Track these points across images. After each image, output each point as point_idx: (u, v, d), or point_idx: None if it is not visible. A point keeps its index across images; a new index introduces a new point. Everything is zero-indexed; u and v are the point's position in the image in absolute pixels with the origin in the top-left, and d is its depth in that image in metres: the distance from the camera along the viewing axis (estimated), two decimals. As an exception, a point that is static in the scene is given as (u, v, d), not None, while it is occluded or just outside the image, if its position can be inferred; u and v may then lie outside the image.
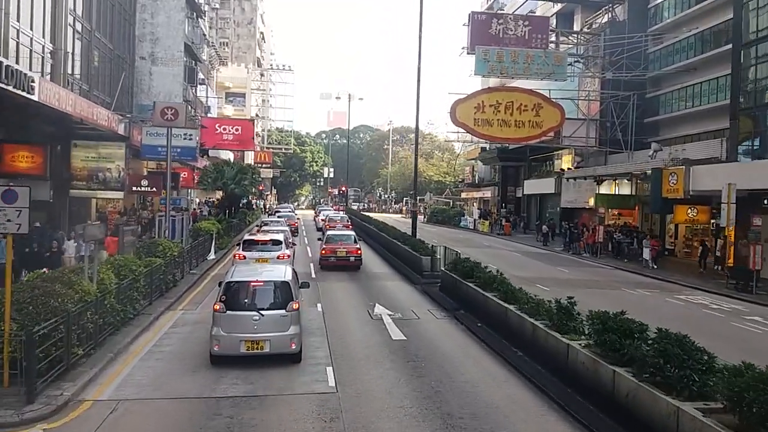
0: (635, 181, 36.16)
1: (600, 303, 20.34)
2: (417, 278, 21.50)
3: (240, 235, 36.98)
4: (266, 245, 20.33)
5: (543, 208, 52.26)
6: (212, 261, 25.88)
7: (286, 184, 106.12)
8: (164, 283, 17.78)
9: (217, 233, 28.74)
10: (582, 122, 40.81)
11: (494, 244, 40.47)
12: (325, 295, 18.72)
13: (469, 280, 16.11)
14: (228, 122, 46.95)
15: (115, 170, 27.73)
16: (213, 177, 36.19)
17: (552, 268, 28.26)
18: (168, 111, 20.98)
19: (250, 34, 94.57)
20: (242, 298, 11.54)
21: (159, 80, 39.51)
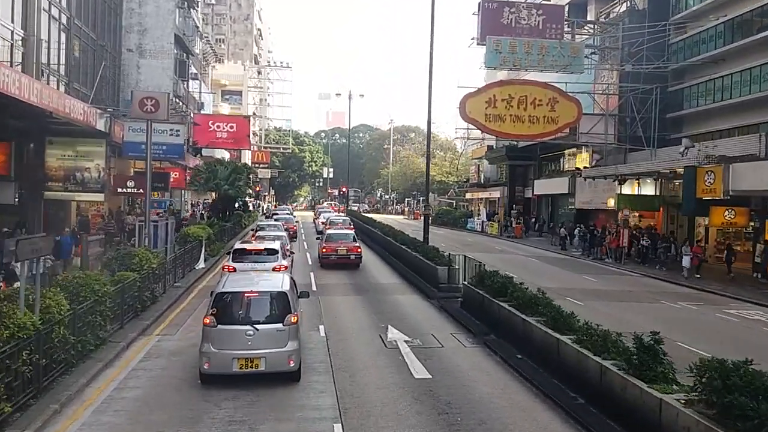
0: (661, 181, 33.58)
1: (643, 320, 17.27)
2: (432, 292, 18.87)
3: (234, 240, 34.35)
4: (260, 255, 17.71)
5: (555, 210, 49.68)
6: (201, 270, 23.25)
7: (284, 184, 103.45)
8: (140, 301, 15.15)
9: (208, 239, 26.11)
10: (600, 118, 38.18)
11: (507, 248, 37.85)
12: (329, 313, 16.09)
13: (501, 299, 13.48)
14: (222, 119, 44.30)
15: (94, 170, 25.07)
16: (205, 177, 33.55)
17: (577, 277, 25.65)
18: (148, 101, 18.35)
19: (246, 31, 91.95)
20: (235, 310, 10.57)
21: (147, 74, 36.88)
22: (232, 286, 11.14)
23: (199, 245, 24.12)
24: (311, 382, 10.46)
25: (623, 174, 33.31)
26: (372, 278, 22.42)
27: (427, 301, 18.25)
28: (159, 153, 25.40)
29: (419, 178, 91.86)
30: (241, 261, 17.26)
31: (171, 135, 25.01)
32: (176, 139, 25.17)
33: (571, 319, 10.89)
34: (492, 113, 36.38)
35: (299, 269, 24.02)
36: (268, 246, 17.99)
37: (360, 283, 21.39)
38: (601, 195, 39.39)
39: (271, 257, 17.46)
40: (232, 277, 12.67)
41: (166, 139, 24.87)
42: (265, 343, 10.06)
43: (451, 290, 18.67)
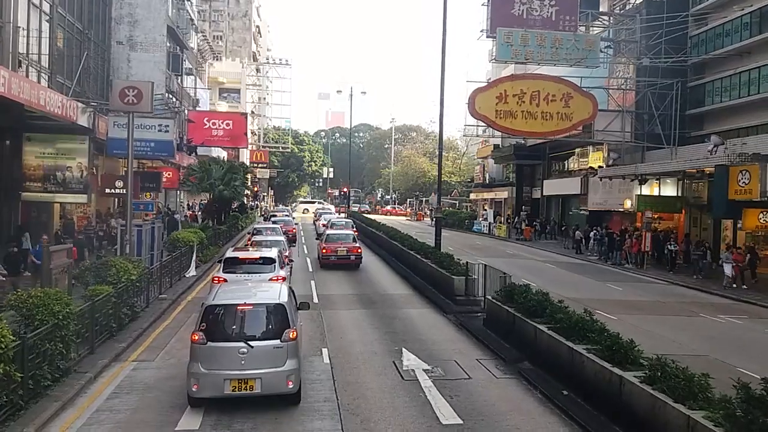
0: (684, 181, 31.60)
1: (686, 337, 15.07)
2: (448, 305, 16.86)
3: (229, 244, 32.30)
4: (255, 264, 15.58)
5: (565, 211, 47.66)
6: (192, 279, 21.23)
7: (283, 184, 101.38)
8: (115, 319, 13.13)
9: (200, 244, 24.08)
10: (616, 114, 36.13)
11: (518, 252, 35.83)
12: (333, 332, 14.07)
13: (537, 321, 11.46)
14: (218, 116, 42.30)
15: (76, 169, 23.09)
16: (198, 177, 31.51)
17: (601, 285, 23.64)
18: (129, 92, 16.30)
19: (245, 27, 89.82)
20: (227, 325, 9.49)
21: (138, 68, 34.89)
22: (223, 298, 9.94)
23: (190, 251, 22.10)
24: (315, 429, 8.46)
25: (644, 173, 31.31)
26: (379, 288, 20.39)
27: (442, 316, 16.22)
28: (146, 150, 23.45)
29: (421, 178, 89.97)
30: (232, 271, 15.19)
31: (160, 131, 23.02)
32: (165, 136, 23.17)
33: (632, 350, 8.88)
34: (503, 109, 34.34)
35: (299, 277, 22.01)
36: (264, 254, 15.84)
37: (366, 293, 19.36)
38: (616, 196, 37.42)
39: (266, 267, 15.37)
40: (224, 287, 11.25)
41: (154, 135, 22.88)
42: (261, 361, 9.07)
43: (470, 303, 16.67)
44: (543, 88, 34.90)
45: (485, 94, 34.37)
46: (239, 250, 17.79)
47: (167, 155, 24.67)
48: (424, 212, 77.54)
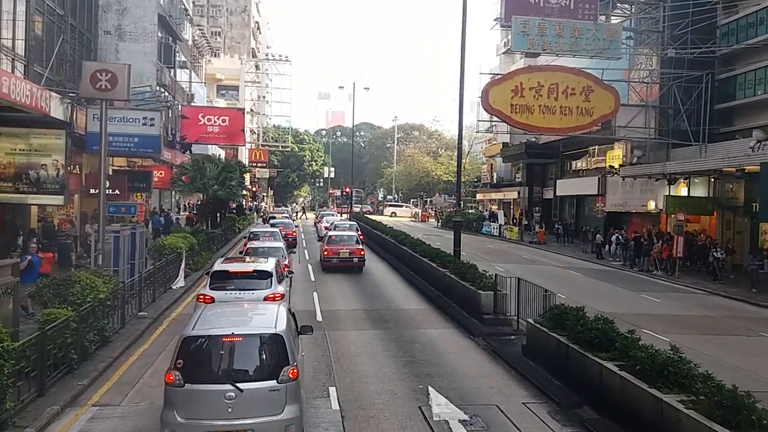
0: (715, 181, 29.24)
1: (759, 364, 12.59)
2: (474, 325, 14.45)
3: (224, 249, 29.90)
4: (248, 279, 13.08)
5: (580, 212, 45.28)
6: (180, 291, 18.84)
7: (283, 184, 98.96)
8: (77, 348, 10.75)
9: (191, 250, 21.69)
10: (639, 109, 33.74)
11: (535, 256, 33.43)
12: (342, 363, 11.66)
13: (602, 356, 9.06)
14: (213, 111, 39.86)
15: (52, 167, 20.81)
16: (191, 176, 29.11)
17: (635, 296, 21.26)
18: (102, 75, 13.89)
19: (243, 23, 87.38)
20: (210, 362, 7.58)
21: (127, 59, 32.11)
22: (206, 327, 7.83)
23: (178, 259, 19.70)
24: None
25: (674, 172, 28.90)
26: (391, 302, 17.97)
27: (469, 339, 13.79)
28: (129, 146, 21.10)
29: (425, 178, 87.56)
30: (221, 288, 12.75)
31: (145, 124, 20.66)
32: (151, 130, 20.79)
33: (755, 409, 6.49)
34: (519, 103, 32.00)
35: (300, 287, 19.61)
36: (259, 267, 13.33)
37: (376, 308, 16.95)
38: (638, 196, 35.10)
39: (262, 282, 12.85)
40: (208, 312, 8.75)
41: (138, 129, 20.53)
42: (253, 408, 7.26)
43: (499, 323, 14.28)
44: (562, 80, 32.59)
45: (500, 87, 32.03)
46: (230, 261, 15.29)
47: (153, 152, 22.25)
48: (428, 213, 75.21)
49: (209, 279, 13.26)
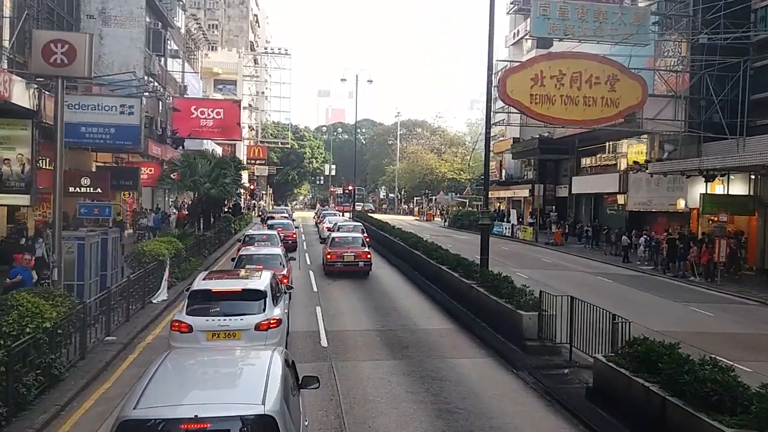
0: (757, 178, 26.62)
1: None
2: (514, 353, 11.81)
3: (217, 254, 27.19)
4: (235, 299, 10.42)
5: (598, 211, 42.61)
6: (162, 305, 16.21)
7: (283, 182, 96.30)
8: (6, 399, 8.12)
9: (177, 256, 19.05)
10: (668, 100, 31.05)
11: (556, 260, 30.80)
12: (355, 414, 8.94)
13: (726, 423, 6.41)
14: (207, 104, 37.15)
15: (16, 162, 18.22)
16: (181, 173, 26.45)
17: (682, 308, 18.64)
18: (57, 47, 11.19)
19: (242, 16, 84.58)
20: None
21: (112, 46, 29.85)
22: (155, 403, 5.15)
23: (160, 268, 17.06)
24: None
25: (712, 168, 26.23)
26: (408, 320, 15.29)
27: (511, 372, 11.12)
28: (104, 138, 18.48)
29: (428, 176, 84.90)
30: (202, 312, 10.10)
31: (122, 113, 18.03)
32: (129, 119, 18.15)
33: None
34: (539, 93, 29.30)
35: (300, 301, 16.96)
36: (249, 285, 10.69)
37: (392, 328, 14.30)
38: (664, 195, 32.51)
39: (253, 304, 10.25)
40: (165, 370, 5.92)
41: (114, 119, 17.91)
42: None
43: (546, 352, 11.64)
44: (585, 68, 29.87)
45: (518, 76, 29.34)
46: (215, 276, 12.54)
47: (132, 144, 19.50)
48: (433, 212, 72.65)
49: (186, 300, 10.62)
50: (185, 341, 9.54)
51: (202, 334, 9.75)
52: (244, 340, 9.69)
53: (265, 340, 9.71)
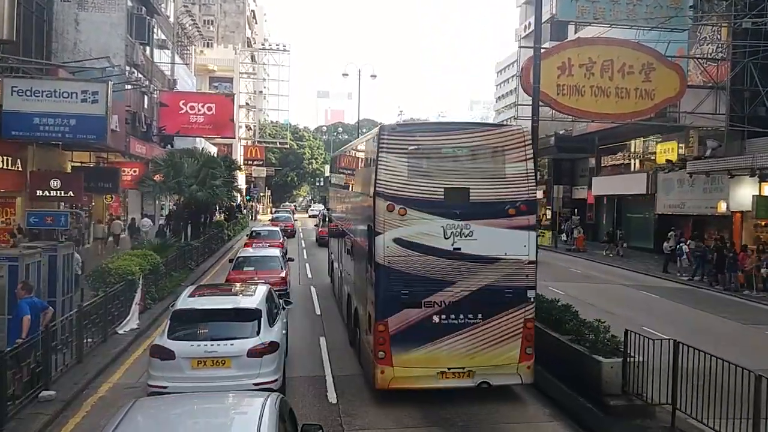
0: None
1: None
2: (590, 414, 8.74)
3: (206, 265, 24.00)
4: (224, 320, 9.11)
5: (621, 215, 39.50)
6: (131, 335, 13.12)
7: (282, 184, 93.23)
8: None
9: (153, 272, 15.94)
10: (707, 92, 27.99)
11: (586, 269, 27.70)
12: None
13: None
14: (197, 98, 34.03)
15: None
16: (164, 173, 23.36)
17: (759, 334, 15.53)
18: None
19: (238, 11, 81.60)
20: None
21: (89, 32, 26.71)
22: None
23: (129, 289, 13.95)
24: None
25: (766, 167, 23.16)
26: None
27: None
28: (63, 130, 15.37)
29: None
30: (187, 336, 8.63)
31: (84, 100, 14.93)
32: (93, 108, 15.05)
33: None
34: (567, 83, 26.37)
35: (300, 333, 13.84)
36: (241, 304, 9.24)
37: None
38: (699, 196, 29.40)
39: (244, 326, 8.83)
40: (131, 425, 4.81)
41: (74, 108, 14.84)
42: None
43: (635, 413, 8.56)
44: (617, 56, 26.90)
45: (544, 64, 25.07)
46: (203, 292, 10.64)
47: (96, 138, 16.25)
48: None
49: (169, 322, 9.09)
50: (166, 370, 8.41)
51: (186, 361, 8.45)
52: (234, 369, 8.46)
53: (258, 368, 8.51)
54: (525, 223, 9.50)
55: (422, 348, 9.17)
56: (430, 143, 9.58)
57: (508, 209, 9.39)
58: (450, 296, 9.26)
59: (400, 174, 9.32)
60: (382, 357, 9.13)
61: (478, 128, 10.35)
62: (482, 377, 9.32)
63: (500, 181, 9.49)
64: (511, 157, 9.56)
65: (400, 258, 9.21)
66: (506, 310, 9.36)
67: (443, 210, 9.28)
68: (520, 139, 9.68)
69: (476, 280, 9.32)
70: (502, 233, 9.39)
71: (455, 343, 9.23)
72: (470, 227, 9.29)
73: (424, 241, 9.24)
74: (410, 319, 9.19)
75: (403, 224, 9.22)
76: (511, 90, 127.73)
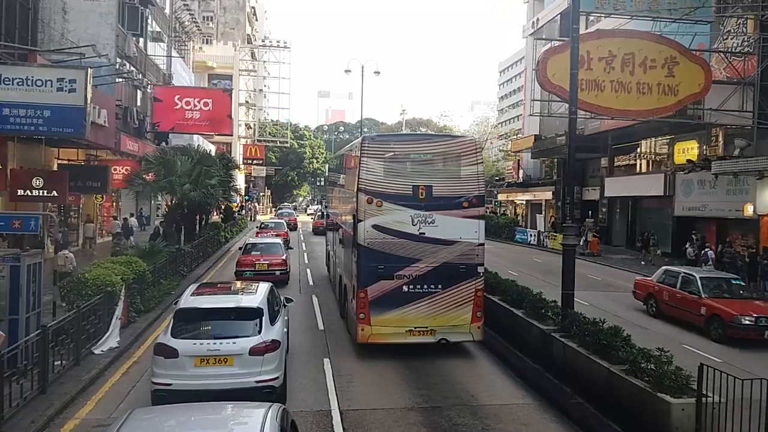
0: None
1: None
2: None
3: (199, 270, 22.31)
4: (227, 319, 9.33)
5: (635, 217, 37.92)
6: (109, 355, 11.51)
7: (282, 184, 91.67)
8: None
9: (138, 281, 14.33)
10: (734, 88, 26.35)
11: (604, 275, 26.10)
12: None
13: None
14: (192, 93, 32.34)
15: None
16: (155, 171, 21.75)
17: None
18: None
19: (238, 7, 79.84)
20: None
21: (78, 21, 25.14)
22: None
23: (109, 301, 12.34)
24: None
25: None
26: (461, 389, 10.37)
27: None
28: (36, 123, 13.71)
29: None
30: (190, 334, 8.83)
31: (60, 89, 13.32)
32: (70, 99, 13.42)
33: None
34: (586, 78, 24.69)
35: (301, 354, 12.21)
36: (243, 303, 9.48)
37: (441, 406, 9.46)
38: (722, 198, 27.89)
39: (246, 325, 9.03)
40: None
41: (48, 97, 13.23)
42: None
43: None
44: (639, 49, 25.25)
45: (562, 57, 24.47)
46: (205, 291, 10.54)
47: (74, 132, 14.42)
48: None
49: (172, 321, 9.29)
50: (170, 368, 8.58)
51: (189, 359, 8.62)
52: (237, 366, 8.68)
53: (260, 366, 8.74)
54: (476, 213, 11.98)
55: (394, 311, 11.61)
56: (402, 150, 12.21)
57: (462, 202, 11.79)
58: (416, 270, 11.69)
59: (378, 174, 11.77)
60: (363, 318, 11.62)
61: (439, 139, 13.52)
62: (442, 335, 11.78)
63: (456, 180, 11.95)
64: (465, 161, 12.02)
65: (377, 240, 11.68)
66: (461, 281, 11.82)
67: (411, 202, 11.72)
68: (473, 148, 12.30)
69: (437, 258, 11.75)
70: (457, 221, 11.77)
71: (420, 308, 11.69)
72: (433, 216, 11.69)
73: (396, 227, 11.68)
74: (385, 288, 11.64)
75: (380, 213, 11.67)
76: (514, 90, 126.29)
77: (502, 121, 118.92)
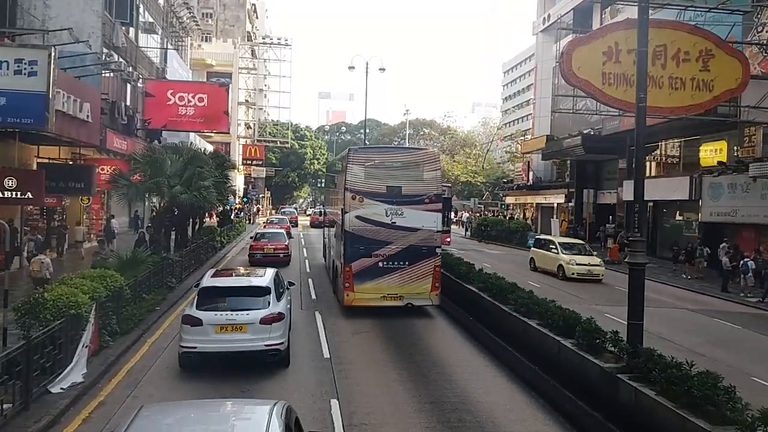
0: None
1: None
2: None
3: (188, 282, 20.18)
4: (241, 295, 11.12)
5: (657, 222, 35.86)
6: (71, 394, 9.45)
7: (282, 185, 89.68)
8: None
9: (113, 299, 12.27)
10: (772, 83, 24.40)
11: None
12: None
13: None
14: (187, 88, 30.24)
15: None
16: (143, 171, 19.70)
17: None
18: None
19: (238, 4, 77.93)
20: None
21: (60, 8, 23.22)
22: None
23: (74, 326, 10.29)
24: None
25: None
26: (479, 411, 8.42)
27: None
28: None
29: (440, 179, 78.17)
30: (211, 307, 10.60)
31: (18, 72, 11.31)
32: (29, 83, 11.39)
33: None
34: (614, 72, 22.54)
35: (302, 393, 10.17)
36: (254, 282, 11.48)
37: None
38: (756, 203, 25.99)
39: (257, 300, 10.89)
40: None
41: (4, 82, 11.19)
42: None
43: None
44: (672, 40, 23.14)
45: (587, 49, 22.52)
46: (222, 275, 12.81)
47: (33, 122, 12.31)
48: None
49: (197, 297, 11.05)
50: (195, 334, 10.35)
51: (211, 327, 10.37)
52: (249, 333, 10.44)
53: (269, 333, 10.53)
54: (435, 208, 15.62)
55: (371, 281, 15.39)
56: (379, 159, 16.04)
57: (424, 199, 15.46)
58: (389, 251, 15.42)
59: (360, 177, 15.51)
60: (348, 286, 15.44)
61: (408, 150, 19.87)
62: (408, 300, 15.53)
63: (420, 182, 15.62)
64: (427, 168, 15.80)
65: (359, 227, 15.40)
66: (423, 259, 15.58)
67: (385, 199, 15.42)
68: (434, 157, 16.74)
69: (405, 241, 15.46)
70: (420, 213, 15.49)
71: (392, 279, 15.43)
72: (402, 210, 15.36)
73: (373, 217, 15.41)
74: (365, 264, 15.39)
75: (361, 207, 15.43)
76: (519, 90, 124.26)
77: (507, 122, 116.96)
